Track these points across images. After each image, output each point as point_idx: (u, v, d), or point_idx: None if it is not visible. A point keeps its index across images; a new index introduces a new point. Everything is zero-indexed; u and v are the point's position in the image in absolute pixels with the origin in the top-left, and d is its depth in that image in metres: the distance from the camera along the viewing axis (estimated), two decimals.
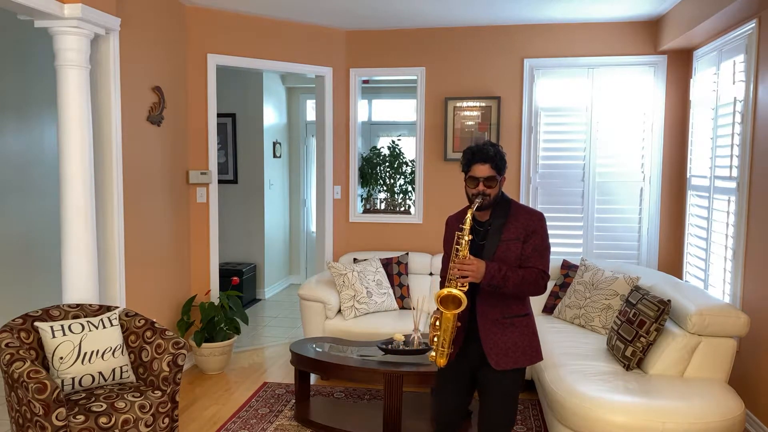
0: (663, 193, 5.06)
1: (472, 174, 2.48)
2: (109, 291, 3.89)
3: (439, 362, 2.44)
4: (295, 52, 5.20)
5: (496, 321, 2.49)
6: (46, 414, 2.63)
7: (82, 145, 3.36)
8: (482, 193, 2.45)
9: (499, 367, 2.47)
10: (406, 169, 5.72)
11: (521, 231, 2.48)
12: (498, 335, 2.48)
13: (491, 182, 2.46)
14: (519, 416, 3.91)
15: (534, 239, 2.48)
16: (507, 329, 2.49)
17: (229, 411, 3.98)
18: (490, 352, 2.47)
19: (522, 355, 2.50)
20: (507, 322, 2.49)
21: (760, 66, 3.60)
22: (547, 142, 5.24)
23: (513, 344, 2.49)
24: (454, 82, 5.32)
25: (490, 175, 2.45)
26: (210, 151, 4.88)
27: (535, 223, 2.49)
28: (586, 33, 5.08)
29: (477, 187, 2.46)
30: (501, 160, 2.49)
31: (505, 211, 2.52)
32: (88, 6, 3.28)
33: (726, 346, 3.24)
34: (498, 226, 2.49)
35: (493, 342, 2.48)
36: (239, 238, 7.11)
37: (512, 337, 2.49)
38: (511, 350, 2.48)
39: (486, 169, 2.45)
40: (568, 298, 4.44)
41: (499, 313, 2.49)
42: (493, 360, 2.47)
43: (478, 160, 2.46)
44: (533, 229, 2.48)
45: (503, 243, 2.47)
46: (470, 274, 2.32)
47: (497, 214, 2.51)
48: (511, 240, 2.47)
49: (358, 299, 4.58)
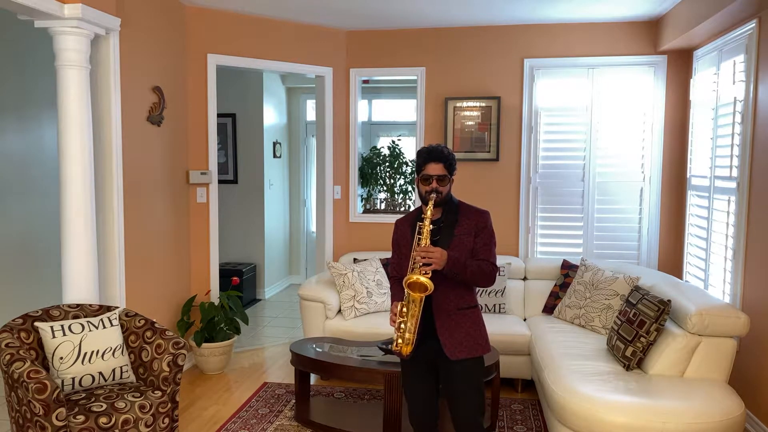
0: (663, 193, 5.06)
1: (425, 172, 2.65)
2: (109, 291, 3.89)
3: (405, 350, 2.56)
4: (295, 52, 5.20)
5: (450, 312, 2.64)
6: (46, 414, 2.63)
7: (82, 145, 3.36)
8: (435, 190, 2.62)
9: (453, 356, 2.62)
10: (406, 169, 5.72)
11: (472, 227, 2.67)
12: (453, 326, 2.64)
13: (443, 181, 2.64)
14: (519, 416, 3.92)
15: (483, 234, 2.68)
16: (460, 320, 2.65)
17: (229, 411, 3.98)
18: (446, 342, 2.63)
19: (475, 344, 2.66)
20: (460, 314, 2.66)
21: (760, 66, 3.60)
22: (547, 142, 5.24)
23: (466, 334, 2.65)
24: (454, 82, 5.32)
25: (443, 174, 2.64)
26: (210, 151, 4.88)
27: (483, 220, 2.70)
28: (586, 33, 5.08)
29: (430, 185, 2.63)
30: (453, 160, 2.69)
31: (455, 210, 2.71)
32: (88, 6, 3.28)
33: (726, 346, 3.24)
34: (450, 222, 2.68)
35: (448, 333, 2.63)
36: (239, 238, 7.11)
37: (465, 327, 2.66)
38: (464, 340, 2.64)
39: (439, 167, 2.64)
40: (568, 298, 4.44)
41: (452, 305, 2.65)
42: (448, 350, 2.62)
43: (432, 159, 2.64)
44: (483, 225, 2.68)
45: (456, 237, 2.65)
46: (434, 261, 2.48)
47: (448, 212, 2.70)
48: (463, 235, 2.66)
49: (358, 299, 4.58)
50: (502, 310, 4.67)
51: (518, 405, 4.10)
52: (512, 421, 3.85)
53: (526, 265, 4.95)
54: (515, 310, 4.74)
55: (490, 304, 4.66)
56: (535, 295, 4.76)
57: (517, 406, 4.08)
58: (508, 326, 4.32)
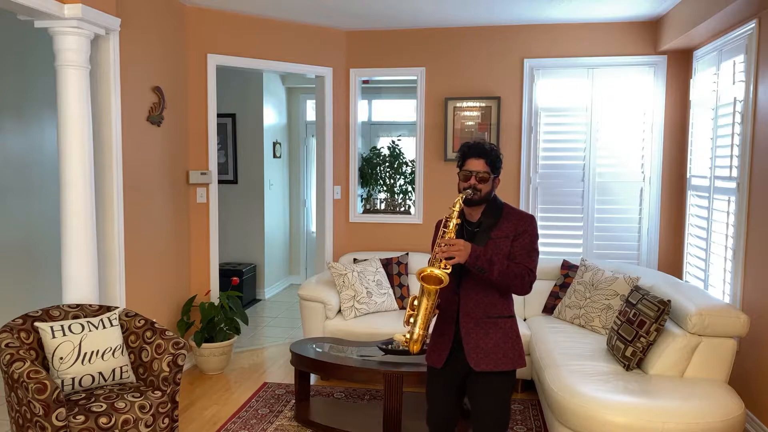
0: (663, 193, 5.06)
1: (466, 168, 2.45)
2: (109, 291, 3.89)
3: (413, 348, 2.37)
4: (295, 52, 5.20)
5: (478, 321, 2.45)
6: (46, 414, 2.63)
7: (82, 145, 3.36)
8: (473, 187, 2.41)
9: (478, 368, 2.43)
10: (406, 169, 5.72)
11: (511, 231, 2.44)
12: (480, 335, 2.44)
13: (484, 177, 2.42)
14: (519, 416, 3.91)
15: (523, 239, 2.44)
16: (489, 330, 2.45)
17: (229, 411, 3.98)
18: (471, 352, 2.44)
19: (503, 358, 2.44)
20: (490, 323, 2.45)
21: (760, 66, 3.60)
22: (547, 142, 5.24)
23: (494, 345, 2.44)
24: (454, 82, 5.32)
25: (484, 171, 2.42)
26: (210, 151, 4.88)
27: (526, 225, 2.46)
28: (586, 33, 5.08)
29: (469, 181, 2.43)
30: (497, 158, 2.46)
31: (496, 213, 2.49)
32: (88, 6, 3.28)
33: (726, 346, 3.24)
34: (488, 225, 2.46)
35: (474, 342, 2.44)
36: (239, 238, 7.11)
37: (494, 338, 2.45)
38: (492, 352, 2.43)
39: (480, 164, 2.43)
40: (568, 298, 4.44)
41: (482, 312, 2.45)
42: (472, 360, 2.43)
43: (473, 154, 2.44)
44: (524, 229, 2.45)
45: (492, 240, 2.43)
46: (456, 254, 2.26)
47: (489, 214, 2.48)
48: (501, 238, 2.43)
49: (358, 299, 4.58)
50: None
51: (518, 405, 4.10)
52: (512, 421, 3.85)
53: None
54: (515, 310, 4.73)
55: None
56: (535, 295, 4.74)
57: (517, 406, 4.08)
58: None
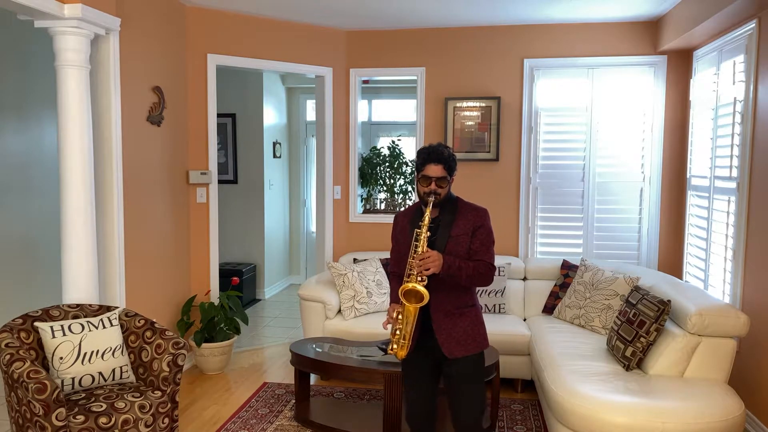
0: (663, 193, 5.07)
1: (425, 173, 2.61)
2: (109, 291, 3.89)
3: (399, 354, 2.58)
4: (295, 52, 5.20)
5: (448, 312, 2.64)
6: (46, 414, 2.63)
7: (82, 145, 3.36)
8: (434, 192, 2.59)
9: (451, 355, 2.62)
10: (406, 170, 5.72)
11: (469, 226, 2.63)
12: (450, 325, 2.63)
13: (442, 182, 2.60)
14: (519, 416, 3.92)
15: (480, 234, 2.63)
16: (457, 319, 2.64)
17: (229, 411, 3.98)
18: (444, 342, 2.62)
19: (472, 342, 2.66)
20: (457, 313, 2.65)
21: (760, 66, 3.60)
22: (547, 142, 5.24)
23: (464, 333, 2.64)
24: (454, 82, 5.32)
25: (442, 176, 2.60)
26: (210, 151, 4.88)
27: (481, 219, 2.65)
28: (586, 33, 5.08)
29: (429, 186, 2.59)
30: (453, 161, 2.64)
31: (453, 209, 2.67)
32: (88, 6, 3.28)
33: (726, 347, 3.24)
34: (447, 222, 2.64)
35: (446, 332, 2.63)
36: (239, 238, 7.11)
37: (463, 326, 2.65)
38: (462, 338, 2.64)
39: (439, 169, 2.60)
40: (568, 298, 4.44)
41: (450, 305, 2.64)
42: (446, 349, 2.62)
43: (432, 160, 2.60)
44: (480, 223, 2.64)
45: (452, 238, 2.62)
46: (432, 266, 2.46)
47: (446, 210, 2.66)
48: (460, 235, 2.62)
49: (358, 299, 4.58)
50: (502, 310, 4.67)
51: (518, 405, 4.10)
52: (512, 421, 3.85)
53: (526, 265, 4.95)
54: (515, 310, 4.74)
55: (490, 304, 4.66)
56: (535, 295, 4.76)
57: (517, 406, 4.08)
58: (508, 326, 4.32)
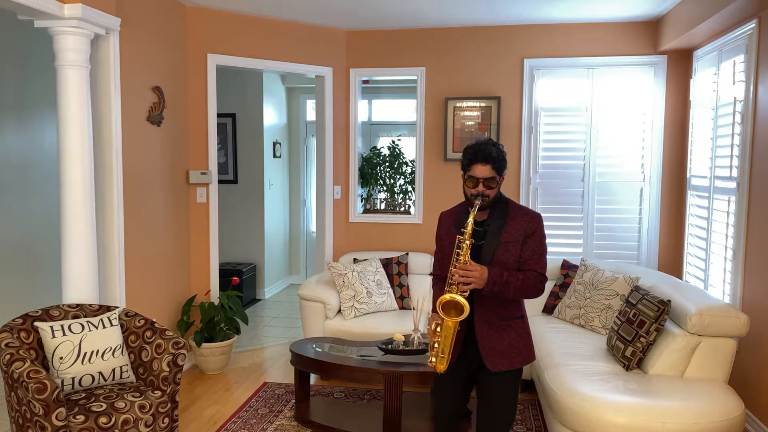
0: (663, 193, 5.06)
1: (472, 174, 2.42)
2: (109, 291, 3.89)
3: (439, 368, 2.42)
4: (295, 52, 5.20)
5: (493, 324, 2.48)
6: (46, 414, 2.63)
7: (82, 145, 3.36)
8: (482, 194, 2.40)
9: (495, 368, 2.48)
10: (406, 169, 5.72)
11: (520, 232, 2.45)
12: (495, 338, 2.48)
13: (491, 183, 2.41)
14: (519, 416, 3.91)
15: (532, 241, 2.45)
16: (503, 331, 2.49)
17: (229, 411, 3.98)
18: (488, 354, 2.47)
19: (517, 356, 2.50)
20: (504, 325, 2.49)
21: (760, 66, 3.60)
22: (547, 142, 5.24)
23: (509, 346, 2.49)
24: (454, 82, 5.32)
25: (491, 176, 2.40)
26: (210, 151, 4.88)
27: (534, 225, 2.46)
28: (586, 33, 5.08)
29: (477, 188, 2.41)
30: (502, 161, 2.44)
31: (503, 212, 2.48)
32: (88, 6, 3.28)
33: (726, 346, 3.24)
34: (497, 227, 2.46)
35: (490, 345, 2.48)
36: (239, 238, 7.11)
37: (508, 339, 2.49)
38: (507, 352, 2.48)
39: (487, 170, 2.40)
40: (568, 298, 4.43)
41: (496, 316, 2.48)
42: (489, 362, 2.47)
43: (479, 160, 2.40)
44: (532, 230, 2.45)
45: (502, 245, 2.44)
46: (473, 281, 2.30)
47: (495, 214, 2.48)
48: (510, 242, 2.44)
49: (358, 299, 4.58)
50: None
51: (518, 405, 4.09)
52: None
53: None
54: None
55: None
56: None
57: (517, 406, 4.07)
58: None
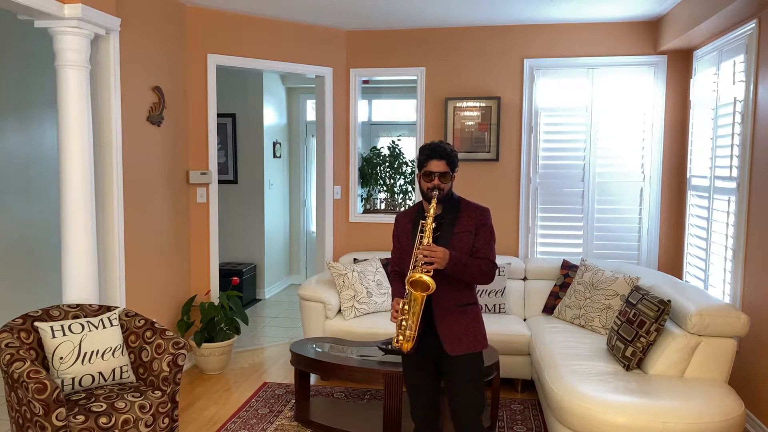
0: (663, 193, 5.07)
1: (428, 169, 2.66)
2: (109, 291, 3.89)
3: (405, 347, 2.59)
4: (295, 52, 5.20)
5: (449, 309, 2.67)
6: (46, 414, 2.63)
7: (82, 145, 3.36)
8: (438, 187, 2.63)
9: (453, 352, 2.65)
10: (406, 169, 5.72)
11: (472, 224, 2.69)
12: (452, 321, 2.67)
13: (445, 177, 2.64)
14: (519, 416, 3.92)
15: (483, 232, 2.70)
16: (460, 316, 2.68)
17: (229, 411, 3.98)
18: (446, 338, 2.66)
19: (473, 341, 2.69)
20: (459, 310, 2.69)
21: (760, 66, 3.60)
22: (547, 142, 5.24)
23: (465, 330, 2.68)
24: (454, 82, 5.32)
25: (445, 171, 2.64)
26: (210, 151, 4.88)
27: (483, 218, 2.72)
28: (586, 33, 5.08)
29: (433, 181, 2.64)
30: (455, 157, 2.70)
31: (456, 207, 2.73)
32: (88, 6, 3.28)
33: (726, 346, 3.24)
34: (451, 219, 2.69)
35: (448, 328, 2.66)
36: (239, 238, 7.11)
37: (464, 323, 2.69)
38: (463, 336, 2.67)
39: (442, 165, 2.65)
40: (568, 298, 4.44)
41: (452, 302, 2.67)
42: (448, 346, 2.65)
43: (435, 156, 2.65)
44: (482, 222, 2.70)
45: (456, 235, 2.67)
46: (436, 261, 2.50)
47: (449, 208, 2.71)
48: (464, 232, 2.68)
49: (358, 299, 4.58)
50: (502, 310, 4.67)
51: (518, 405, 4.10)
52: (512, 421, 3.85)
53: (526, 265, 4.95)
54: (515, 310, 4.74)
55: (490, 304, 4.66)
56: (535, 295, 4.75)
57: (517, 406, 4.08)
58: (508, 326, 4.32)
